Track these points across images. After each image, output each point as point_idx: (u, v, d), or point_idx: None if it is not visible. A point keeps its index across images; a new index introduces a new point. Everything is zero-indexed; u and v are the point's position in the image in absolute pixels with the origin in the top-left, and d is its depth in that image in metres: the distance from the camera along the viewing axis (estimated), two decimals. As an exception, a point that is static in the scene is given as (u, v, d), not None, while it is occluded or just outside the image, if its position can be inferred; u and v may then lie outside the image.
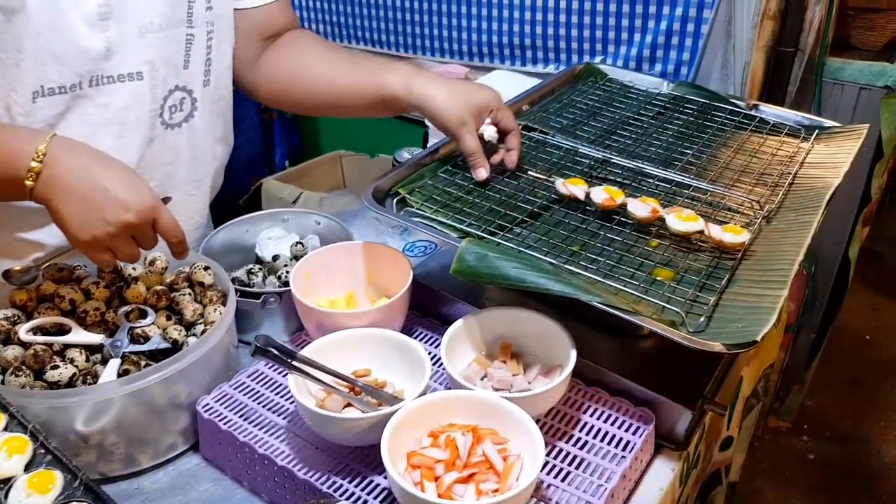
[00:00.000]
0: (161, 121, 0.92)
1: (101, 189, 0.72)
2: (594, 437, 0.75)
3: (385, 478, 0.70)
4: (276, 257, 0.99)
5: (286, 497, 0.72)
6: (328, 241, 1.01)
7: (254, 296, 0.89)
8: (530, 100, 1.18)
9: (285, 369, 0.73)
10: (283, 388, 0.81)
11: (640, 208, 0.86)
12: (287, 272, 0.94)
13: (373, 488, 0.70)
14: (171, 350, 0.79)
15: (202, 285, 0.87)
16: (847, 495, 1.98)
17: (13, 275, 0.81)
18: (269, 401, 0.80)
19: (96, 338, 0.80)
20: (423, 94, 0.91)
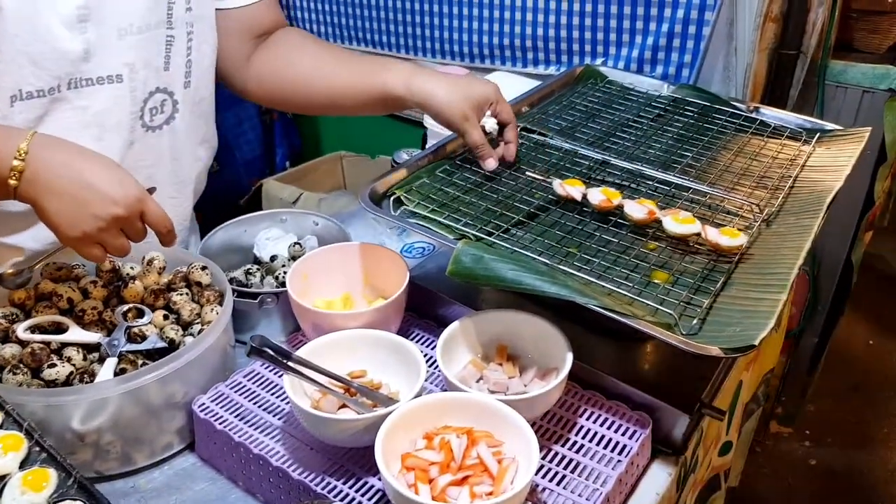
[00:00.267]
0: (141, 123, 0.92)
1: (87, 184, 0.71)
2: (590, 441, 0.75)
3: (379, 479, 0.70)
4: (273, 258, 0.99)
5: (281, 497, 0.72)
6: (326, 241, 1.01)
7: (251, 296, 0.89)
8: (530, 101, 1.17)
9: (281, 370, 0.73)
10: (279, 389, 0.81)
11: (637, 210, 0.86)
12: (284, 273, 0.94)
13: (367, 490, 0.70)
14: (168, 349, 0.79)
15: (199, 285, 0.87)
16: (849, 502, 1.96)
17: (6, 278, 0.82)
18: (265, 401, 0.80)
19: (94, 336, 0.80)
20: (424, 92, 0.91)
